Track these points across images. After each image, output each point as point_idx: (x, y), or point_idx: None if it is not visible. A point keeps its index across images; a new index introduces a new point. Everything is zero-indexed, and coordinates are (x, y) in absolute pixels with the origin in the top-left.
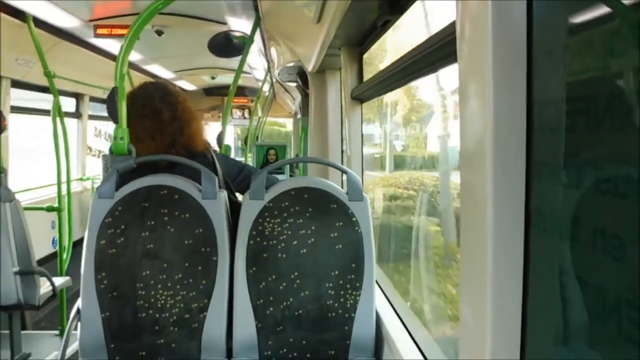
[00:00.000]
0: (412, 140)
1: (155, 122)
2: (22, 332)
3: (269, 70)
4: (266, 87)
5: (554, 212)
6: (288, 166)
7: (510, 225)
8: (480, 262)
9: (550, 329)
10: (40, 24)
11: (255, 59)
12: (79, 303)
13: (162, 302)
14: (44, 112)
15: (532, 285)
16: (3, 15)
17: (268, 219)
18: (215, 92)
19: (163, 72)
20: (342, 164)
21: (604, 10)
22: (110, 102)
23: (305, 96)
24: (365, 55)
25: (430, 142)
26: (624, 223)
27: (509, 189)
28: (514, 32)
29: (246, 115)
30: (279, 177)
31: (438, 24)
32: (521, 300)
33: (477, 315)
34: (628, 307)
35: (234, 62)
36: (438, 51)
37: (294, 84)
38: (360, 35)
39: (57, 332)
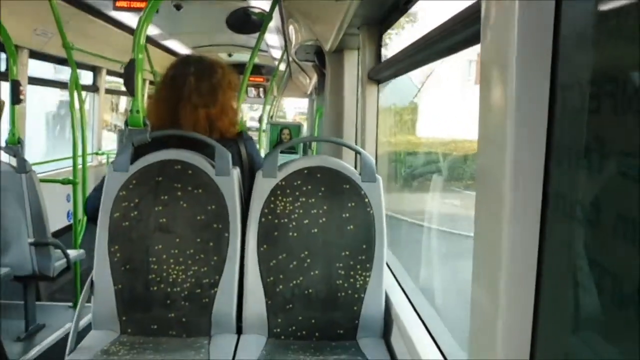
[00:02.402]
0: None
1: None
2: (36, 303)
3: (286, 48)
4: (282, 66)
5: (572, 198)
6: (301, 146)
7: (527, 211)
8: (494, 250)
9: (565, 319)
10: None
11: (273, 38)
12: (92, 275)
13: (174, 276)
14: (61, 85)
15: (546, 277)
16: None
17: (280, 197)
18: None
19: (180, 48)
20: (356, 144)
21: None
22: (127, 74)
23: (321, 76)
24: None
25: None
26: None
27: (527, 174)
28: (540, 13)
29: (261, 94)
30: (293, 156)
31: None
32: (534, 291)
33: (489, 309)
34: None
35: (252, 39)
36: (460, 32)
37: (310, 64)
38: (381, 14)
39: (70, 304)
